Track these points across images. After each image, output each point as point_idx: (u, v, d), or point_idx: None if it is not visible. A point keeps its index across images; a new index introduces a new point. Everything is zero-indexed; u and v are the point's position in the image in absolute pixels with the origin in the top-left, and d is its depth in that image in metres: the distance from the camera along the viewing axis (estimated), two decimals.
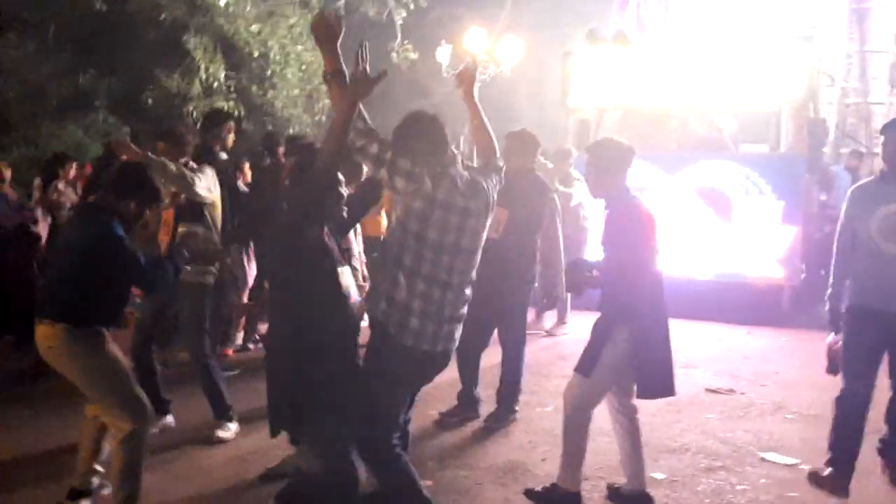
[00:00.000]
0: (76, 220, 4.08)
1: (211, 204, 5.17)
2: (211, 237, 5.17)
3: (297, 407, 3.31)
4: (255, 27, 15.11)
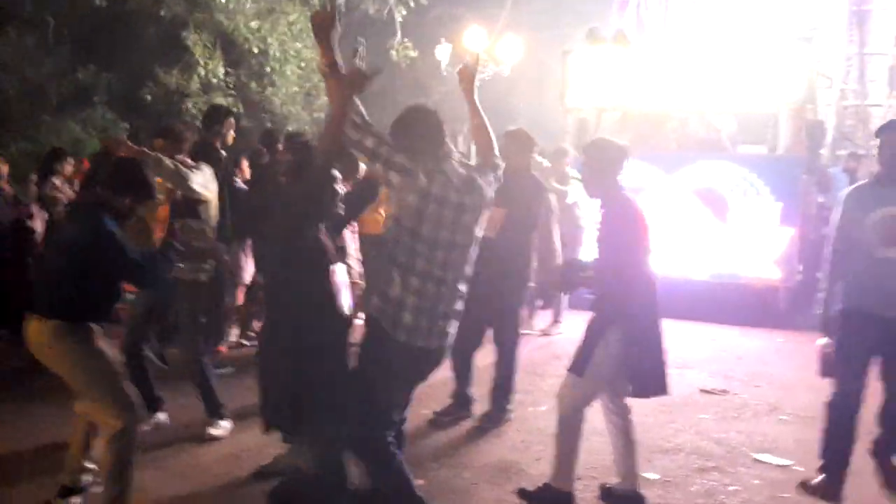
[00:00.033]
0: (70, 217, 4.09)
1: (206, 201, 5.17)
2: (205, 234, 5.17)
3: (297, 406, 3.31)
4: (255, 24, 15.12)
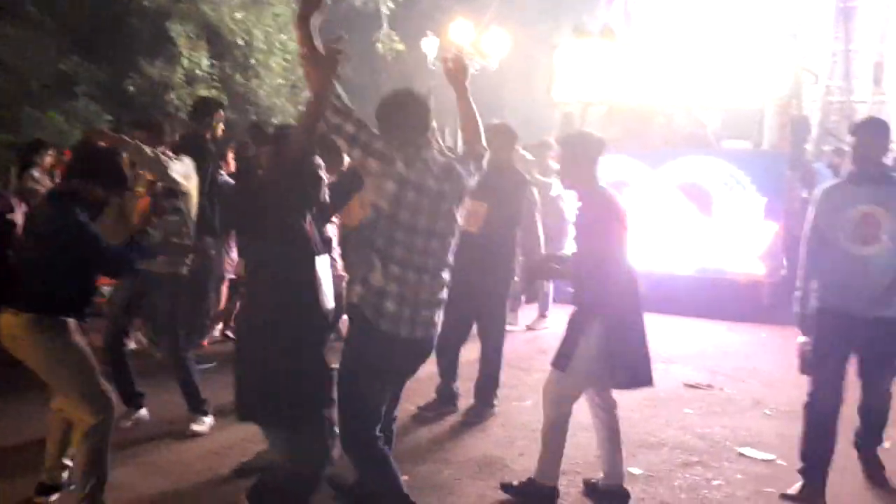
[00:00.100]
0: (43, 207, 4.00)
1: (186, 193, 5.12)
2: (185, 227, 5.12)
3: (269, 398, 3.28)
4: (240, 15, 15.02)
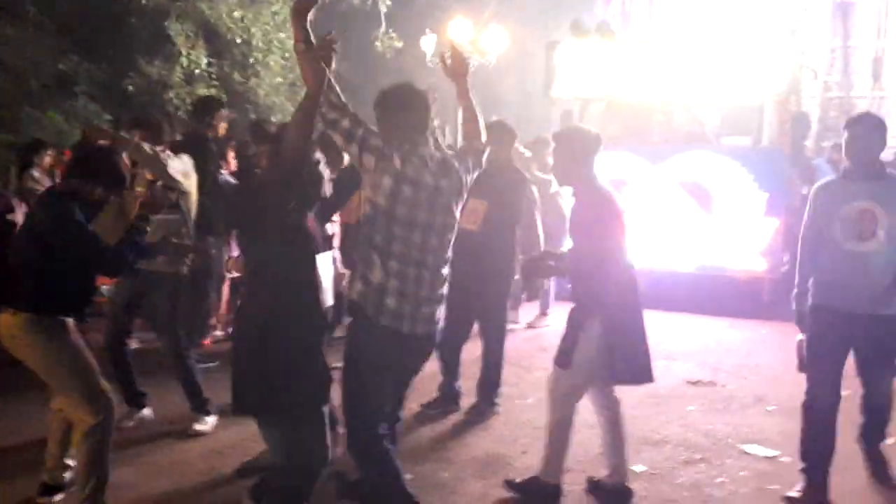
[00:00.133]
0: (37, 207, 3.99)
1: (186, 192, 5.11)
2: (185, 226, 5.11)
3: (268, 396, 3.25)
4: (238, 14, 14.98)
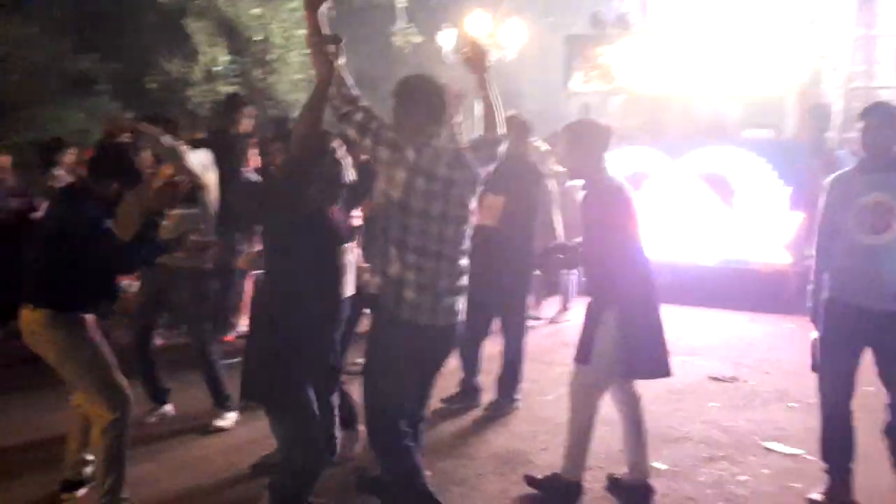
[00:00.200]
0: (54, 204, 4.02)
1: (205, 186, 5.14)
2: (205, 220, 5.13)
3: (268, 381, 3.25)
4: (257, 11, 15.02)
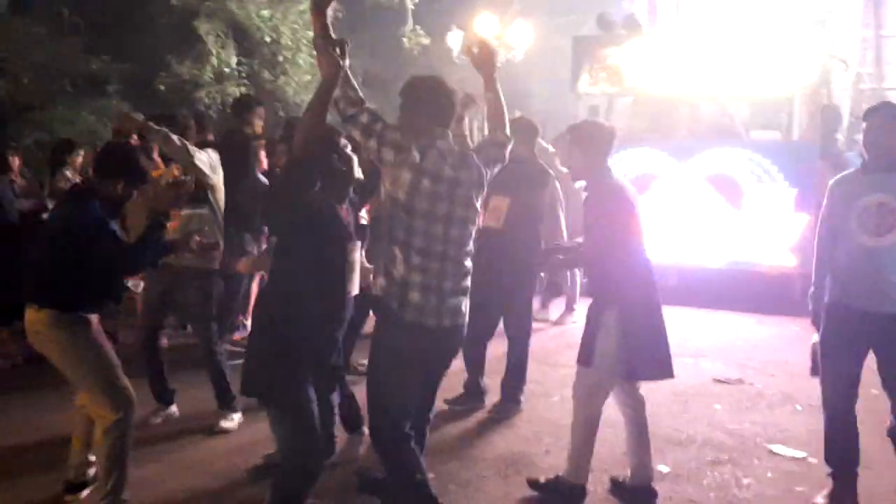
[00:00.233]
0: (60, 204, 4.05)
1: (214, 186, 5.18)
2: (213, 221, 5.16)
3: (268, 377, 3.25)
4: (267, 12, 15.05)
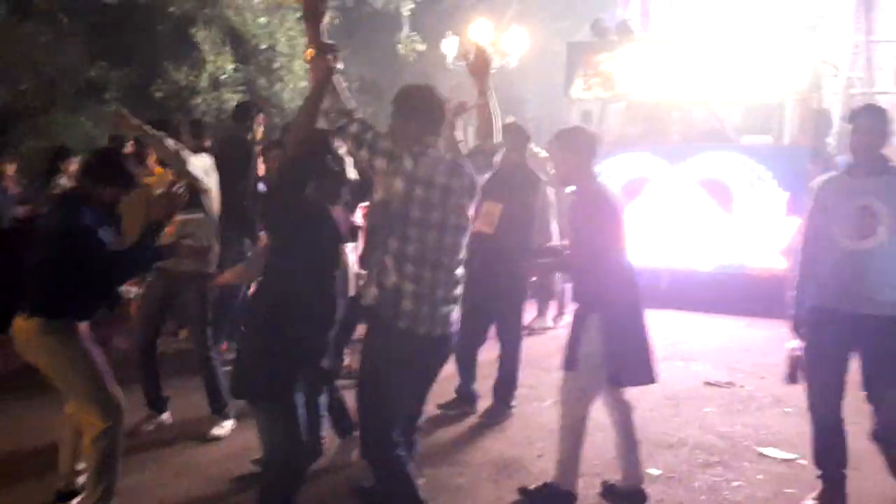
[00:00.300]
0: (48, 212, 4.05)
1: (207, 191, 5.20)
2: (206, 225, 5.18)
3: (257, 378, 3.26)
4: (263, 19, 15.11)
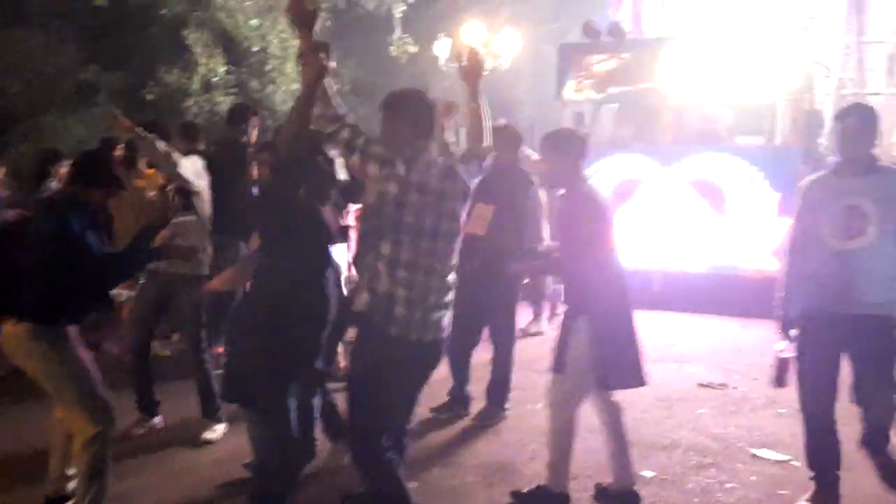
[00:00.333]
0: (36, 216, 4.00)
1: (198, 193, 5.19)
2: (198, 227, 5.17)
3: (249, 382, 3.24)
4: (255, 22, 15.12)
